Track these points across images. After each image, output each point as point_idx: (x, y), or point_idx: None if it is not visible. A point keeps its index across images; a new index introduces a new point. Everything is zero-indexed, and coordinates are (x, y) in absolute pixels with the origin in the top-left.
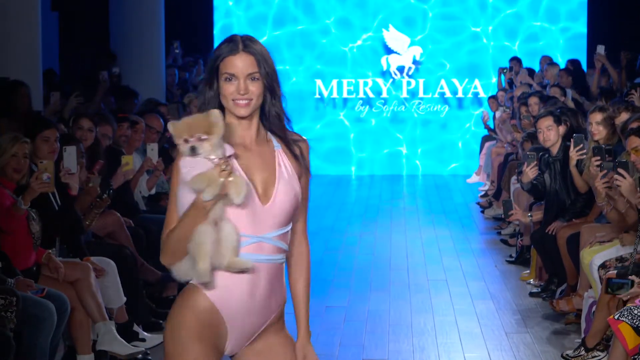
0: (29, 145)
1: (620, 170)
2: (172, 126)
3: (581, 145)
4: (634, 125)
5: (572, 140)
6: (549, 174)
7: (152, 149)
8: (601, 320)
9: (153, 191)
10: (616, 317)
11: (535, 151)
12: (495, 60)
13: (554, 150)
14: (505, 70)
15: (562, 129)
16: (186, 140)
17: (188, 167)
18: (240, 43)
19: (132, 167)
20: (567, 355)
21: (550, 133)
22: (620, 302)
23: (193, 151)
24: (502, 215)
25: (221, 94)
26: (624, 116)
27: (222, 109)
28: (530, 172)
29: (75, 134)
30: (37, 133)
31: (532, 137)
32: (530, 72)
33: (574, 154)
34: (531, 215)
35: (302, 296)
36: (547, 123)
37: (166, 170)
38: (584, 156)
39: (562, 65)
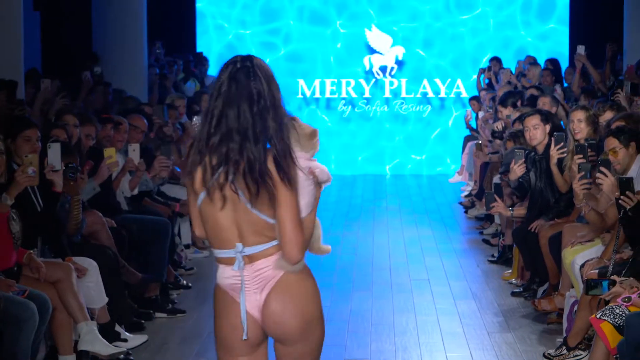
0: (2, 142)
1: (602, 169)
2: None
3: (562, 144)
4: (615, 125)
5: (552, 138)
6: (534, 172)
7: (134, 150)
8: (583, 319)
9: (135, 191)
10: (598, 316)
11: (522, 149)
12: (478, 60)
13: (540, 148)
14: (484, 71)
15: (548, 127)
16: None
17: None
18: None
19: (115, 160)
20: (549, 354)
21: (536, 132)
22: (602, 302)
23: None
24: (484, 208)
25: None
26: (608, 115)
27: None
28: (517, 169)
29: (59, 131)
30: (18, 133)
31: (515, 136)
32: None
33: (554, 153)
34: (512, 209)
35: None
36: (534, 122)
37: (149, 169)
38: (565, 155)
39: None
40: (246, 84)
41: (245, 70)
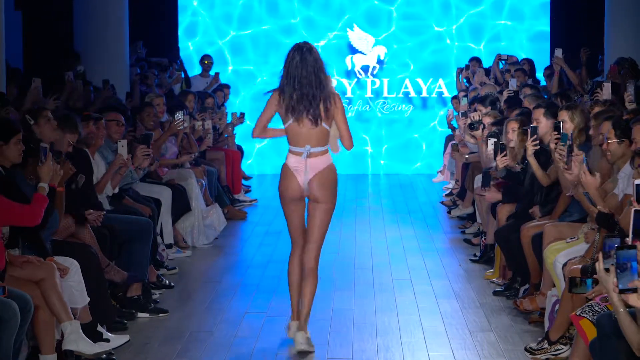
0: None
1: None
2: None
3: (535, 136)
4: (625, 117)
5: (528, 130)
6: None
7: (123, 146)
8: (564, 315)
9: (116, 190)
10: (578, 313)
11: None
12: (460, 60)
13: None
14: (462, 70)
15: (552, 122)
16: None
17: None
18: None
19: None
20: (530, 347)
21: (540, 125)
22: (584, 298)
23: None
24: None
25: None
26: (597, 109)
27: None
28: (499, 161)
29: (43, 129)
30: (11, 137)
31: (496, 136)
32: (486, 72)
33: (529, 145)
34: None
35: None
36: (537, 115)
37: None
38: (539, 147)
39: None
40: (308, 57)
41: (308, 51)
